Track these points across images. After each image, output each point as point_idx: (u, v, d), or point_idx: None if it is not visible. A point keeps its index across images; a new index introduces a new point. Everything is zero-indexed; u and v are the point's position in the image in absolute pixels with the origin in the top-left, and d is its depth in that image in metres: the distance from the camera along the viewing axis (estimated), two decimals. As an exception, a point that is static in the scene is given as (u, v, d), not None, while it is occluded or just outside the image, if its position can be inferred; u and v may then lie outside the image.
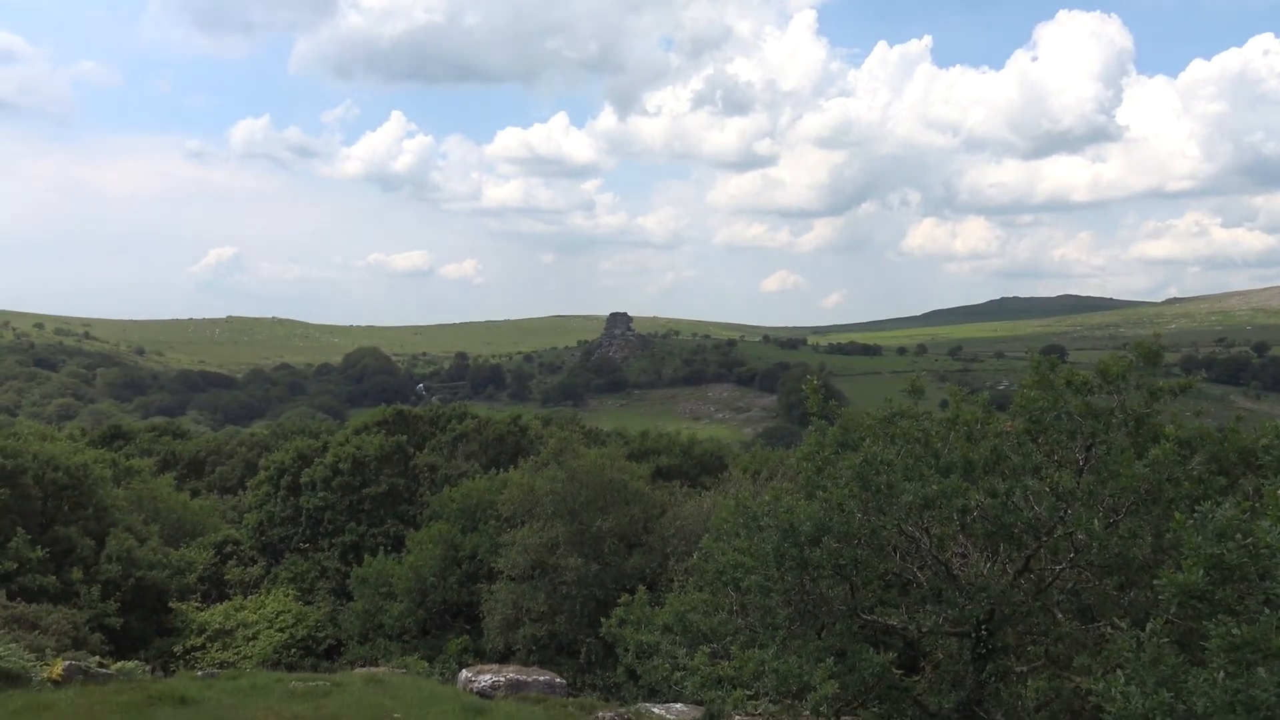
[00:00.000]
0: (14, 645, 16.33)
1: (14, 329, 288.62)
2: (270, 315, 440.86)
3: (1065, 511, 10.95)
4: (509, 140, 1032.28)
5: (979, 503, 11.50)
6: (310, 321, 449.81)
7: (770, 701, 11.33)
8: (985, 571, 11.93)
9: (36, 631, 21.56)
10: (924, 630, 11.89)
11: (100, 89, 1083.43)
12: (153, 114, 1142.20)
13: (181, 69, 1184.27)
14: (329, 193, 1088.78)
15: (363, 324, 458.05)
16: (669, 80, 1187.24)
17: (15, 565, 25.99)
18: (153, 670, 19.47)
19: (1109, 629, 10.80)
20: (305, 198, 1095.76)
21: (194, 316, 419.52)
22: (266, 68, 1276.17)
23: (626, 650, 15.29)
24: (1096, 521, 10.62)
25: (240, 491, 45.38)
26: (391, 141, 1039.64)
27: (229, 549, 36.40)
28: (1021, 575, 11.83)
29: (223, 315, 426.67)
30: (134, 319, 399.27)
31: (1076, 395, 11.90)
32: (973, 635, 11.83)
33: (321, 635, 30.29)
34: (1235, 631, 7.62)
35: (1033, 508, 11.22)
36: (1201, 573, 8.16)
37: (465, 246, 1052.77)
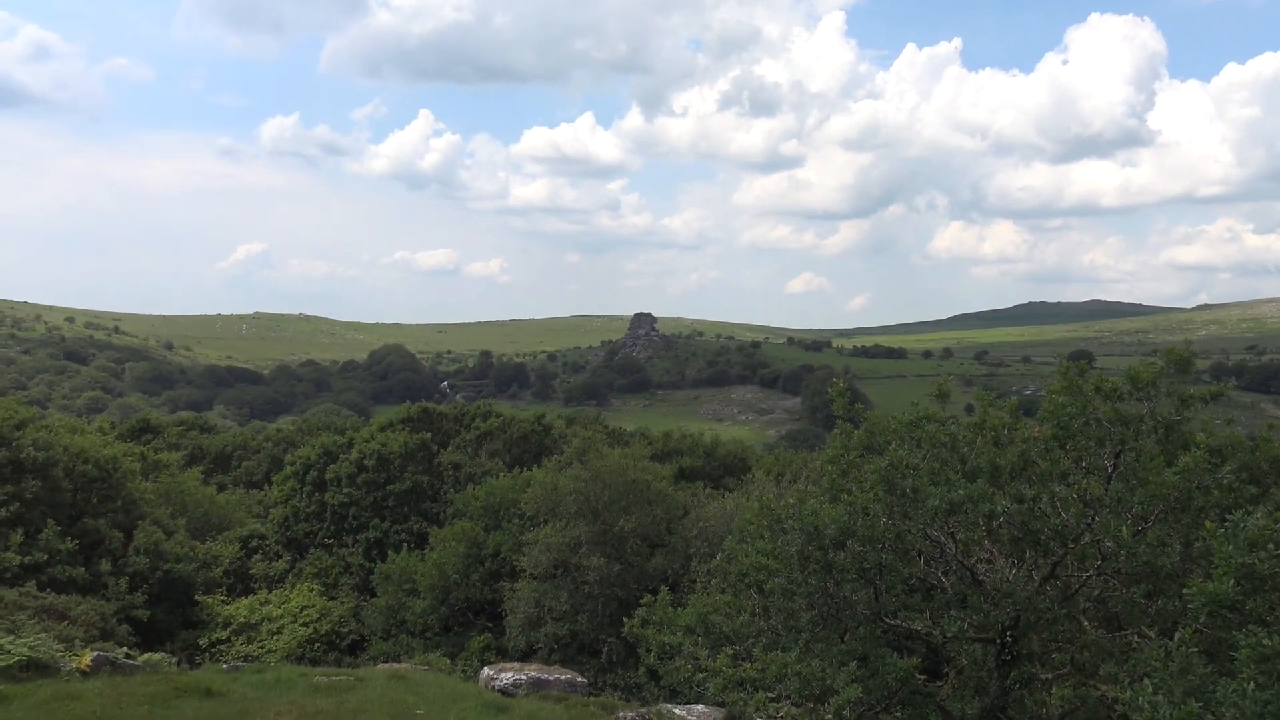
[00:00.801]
0: (43, 635, 16.57)
1: (46, 323, 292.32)
2: (297, 311, 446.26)
3: (1093, 518, 10.86)
4: (536, 140, 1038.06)
5: (1005, 508, 11.42)
6: (336, 318, 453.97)
7: (792, 704, 11.29)
8: (1011, 577, 11.84)
9: (65, 622, 21.79)
10: (948, 636, 11.81)
11: (133, 86, 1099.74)
12: (184, 111, 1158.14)
13: (213, 67, 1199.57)
14: (357, 190, 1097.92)
15: (388, 321, 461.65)
16: (696, 81, 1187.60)
17: (45, 556, 26.27)
18: (178, 662, 19.59)
19: (1136, 637, 10.71)
20: (333, 195, 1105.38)
21: (222, 312, 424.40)
22: (296, 66, 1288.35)
23: (648, 651, 15.28)
24: (1125, 529, 10.52)
25: (266, 486, 45.62)
26: (419, 140, 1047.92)
27: (254, 543, 36.65)
28: (1048, 582, 11.74)
29: (250, 311, 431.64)
30: (163, 314, 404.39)
31: (1105, 401, 11.80)
32: (997, 642, 11.75)
33: (345, 631, 30.45)
34: (1266, 642, 7.55)
35: (1060, 514, 11.13)
36: (1232, 582, 8.09)
37: (491, 245, 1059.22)
